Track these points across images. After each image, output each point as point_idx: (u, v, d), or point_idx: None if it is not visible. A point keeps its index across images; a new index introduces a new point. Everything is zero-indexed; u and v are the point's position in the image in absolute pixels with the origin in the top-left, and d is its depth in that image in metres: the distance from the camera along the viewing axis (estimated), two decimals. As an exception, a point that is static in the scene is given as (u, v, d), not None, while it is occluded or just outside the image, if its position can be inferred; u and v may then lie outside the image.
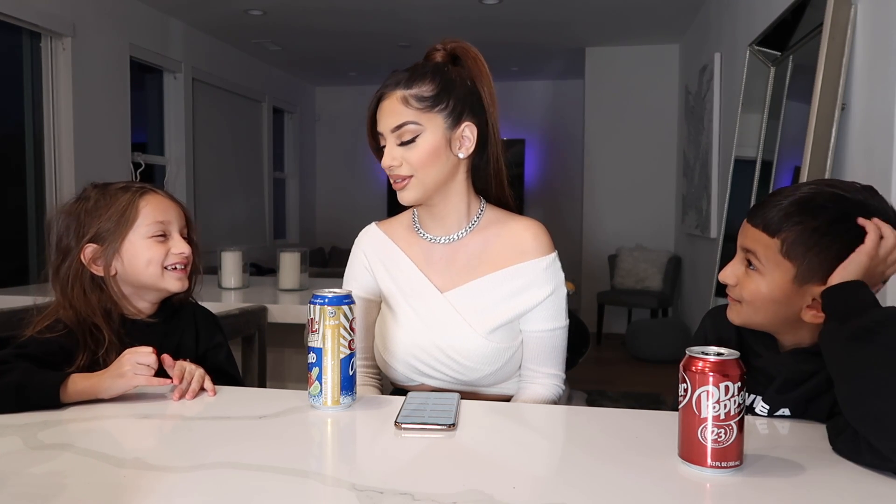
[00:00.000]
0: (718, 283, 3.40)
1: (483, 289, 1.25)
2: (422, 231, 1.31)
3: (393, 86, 1.21)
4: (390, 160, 1.21)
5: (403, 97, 1.19)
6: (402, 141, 1.20)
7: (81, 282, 1.20)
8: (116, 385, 1.07)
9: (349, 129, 7.27)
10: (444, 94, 1.21)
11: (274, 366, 2.40)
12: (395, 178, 1.22)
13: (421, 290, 1.27)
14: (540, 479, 0.83)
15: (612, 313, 5.77)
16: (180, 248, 1.23)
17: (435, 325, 1.25)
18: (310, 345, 1.04)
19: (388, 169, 1.22)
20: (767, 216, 0.98)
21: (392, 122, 1.20)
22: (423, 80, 1.20)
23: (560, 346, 1.29)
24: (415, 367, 1.26)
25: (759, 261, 0.99)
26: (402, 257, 1.30)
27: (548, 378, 1.27)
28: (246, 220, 5.88)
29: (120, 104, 4.17)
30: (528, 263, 1.25)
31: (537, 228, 1.28)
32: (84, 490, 0.76)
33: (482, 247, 1.27)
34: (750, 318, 1.03)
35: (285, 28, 5.01)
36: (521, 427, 1.06)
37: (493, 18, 4.69)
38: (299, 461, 0.86)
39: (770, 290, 0.98)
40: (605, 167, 5.72)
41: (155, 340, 1.16)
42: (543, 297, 1.25)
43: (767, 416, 1.04)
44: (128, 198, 1.21)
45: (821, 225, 0.94)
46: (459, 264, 1.27)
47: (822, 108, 2.05)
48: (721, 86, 3.94)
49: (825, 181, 1.00)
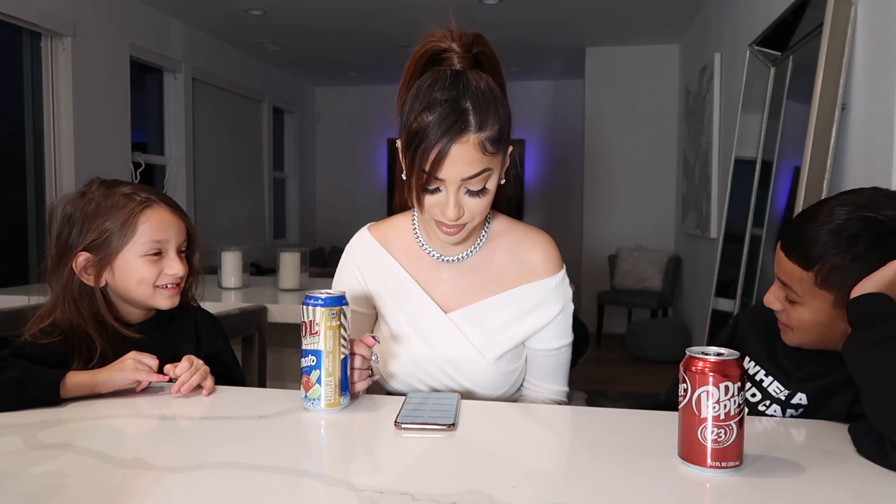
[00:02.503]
0: (718, 282, 3.40)
1: (491, 310, 1.18)
2: (426, 247, 1.21)
3: (462, 130, 1.01)
4: (457, 212, 1.05)
5: (481, 143, 1.02)
6: (471, 190, 1.05)
7: (71, 289, 1.18)
8: (116, 378, 1.08)
9: (349, 129, 7.27)
10: (504, 127, 1.06)
11: (274, 366, 2.40)
12: (453, 226, 1.08)
13: (424, 310, 1.19)
14: (540, 479, 0.83)
15: (612, 313, 5.77)
16: (174, 269, 1.20)
17: (440, 346, 1.18)
18: (308, 347, 1.02)
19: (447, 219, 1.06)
20: (803, 249, 0.99)
21: (467, 171, 1.03)
22: (489, 117, 1.03)
23: (565, 362, 1.25)
24: (419, 380, 1.21)
25: (797, 293, 1.01)
26: (402, 274, 1.21)
27: (551, 394, 1.25)
28: (246, 220, 5.88)
29: (120, 104, 4.17)
30: (538, 284, 1.19)
31: (547, 245, 1.21)
32: (84, 490, 0.76)
33: (489, 263, 1.20)
34: (803, 340, 1.06)
35: (285, 28, 5.01)
36: (522, 427, 1.06)
37: (493, 18, 4.68)
38: (299, 461, 0.86)
39: (813, 316, 1.01)
40: (605, 167, 5.72)
41: (153, 345, 1.16)
42: (552, 318, 1.20)
43: (784, 401, 1.06)
44: (129, 210, 1.17)
45: (857, 254, 0.95)
46: (465, 282, 1.20)
47: (822, 108, 2.05)
48: (721, 86, 3.94)
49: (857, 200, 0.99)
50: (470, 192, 1.06)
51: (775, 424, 1.02)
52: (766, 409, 1.08)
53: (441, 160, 1.02)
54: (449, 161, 1.02)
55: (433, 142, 1.01)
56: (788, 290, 1.02)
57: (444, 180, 1.04)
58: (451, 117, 1.01)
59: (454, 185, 1.04)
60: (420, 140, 1.02)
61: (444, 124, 1.01)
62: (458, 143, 1.01)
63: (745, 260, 3.04)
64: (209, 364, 1.18)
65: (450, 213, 1.05)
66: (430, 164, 1.02)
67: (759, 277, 2.92)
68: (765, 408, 1.09)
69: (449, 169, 1.03)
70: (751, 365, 1.15)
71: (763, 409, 1.09)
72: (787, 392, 1.07)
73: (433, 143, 1.01)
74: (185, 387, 1.10)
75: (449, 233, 1.10)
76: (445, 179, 1.04)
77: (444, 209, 1.06)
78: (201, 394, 1.12)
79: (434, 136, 1.01)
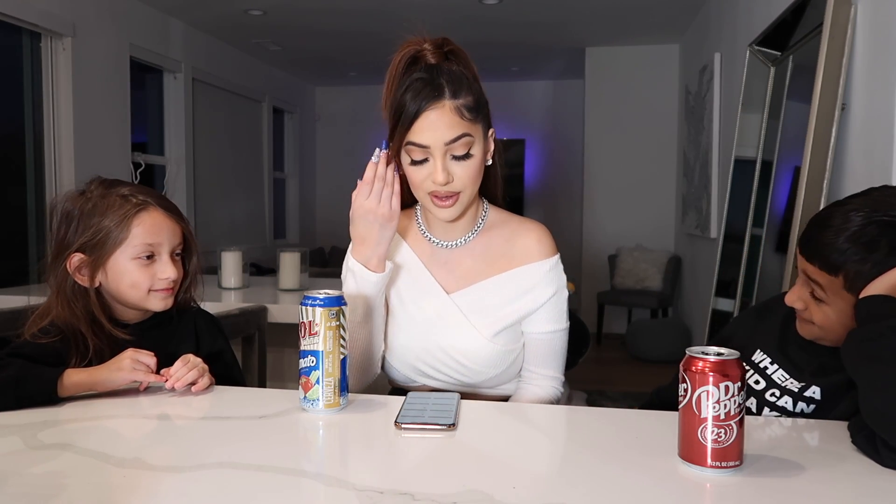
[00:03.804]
0: (718, 282, 3.40)
1: (488, 291, 1.24)
2: (427, 234, 1.29)
3: (438, 96, 1.12)
4: (445, 176, 1.13)
5: (457, 108, 1.12)
6: (456, 155, 1.14)
7: (65, 288, 1.18)
8: (114, 377, 1.08)
9: (349, 129, 7.27)
10: (480, 101, 1.16)
11: (274, 366, 2.40)
12: (443, 195, 1.15)
13: (428, 290, 1.25)
14: (540, 479, 0.83)
15: (612, 313, 5.76)
16: (167, 272, 1.20)
17: (440, 326, 1.24)
18: (307, 348, 1.02)
19: (437, 185, 1.14)
20: (824, 256, 1.00)
21: (448, 134, 1.12)
22: (462, 89, 1.14)
23: (560, 348, 1.28)
24: (417, 369, 1.26)
25: (825, 292, 1.02)
26: (410, 254, 1.28)
27: (546, 380, 1.27)
28: (246, 220, 5.88)
29: (120, 104, 4.17)
30: (532, 266, 1.24)
31: (541, 231, 1.27)
32: (84, 490, 0.76)
33: (486, 249, 1.27)
34: (823, 337, 1.07)
35: (285, 28, 5.01)
36: (522, 427, 1.06)
37: (493, 18, 4.68)
38: (299, 461, 0.86)
39: (839, 317, 1.02)
40: (605, 167, 5.72)
41: (151, 346, 1.16)
42: (546, 299, 1.24)
43: (797, 393, 1.07)
44: (124, 212, 1.17)
45: (877, 260, 0.96)
46: (464, 267, 1.26)
47: (822, 108, 2.05)
48: (721, 86, 3.94)
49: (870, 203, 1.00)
50: (455, 157, 1.14)
51: (775, 424, 1.02)
52: (777, 399, 1.09)
53: (422, 126, 1.12)
54: (429, 126, 1.12)
55: (412, 110, 1.12)
56: (816, 287, 1.03)
57: (429, 147, 1.13)
58: (426, 88, 1.12)
59: (439, 151, 1.13)
60: (401, 113, 1.13)
61: (422, 94, 1.12)
62: (436, 109, 1.12)
63: (745, 260, 3.04)
64: (209, 364, 1.18)
65: (438, 177, 1.13)
66: (413, 132, 1.12)
67: (759, 277, 2.92)
68: (775, 398, 1.10)
69: (431, 133, 1.12)
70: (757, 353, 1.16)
71: (773, 399, 1.10)
72: (801, 385, 1.08)
73: (413, 111, 1.12)
74: (179, 382, 1.11)
75: (443, 205, 1.16)
76: (430, 146, 1.13)
77: (433, 176, 1.14)
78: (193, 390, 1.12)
79: (413, 106, 1.12)
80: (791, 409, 1.08)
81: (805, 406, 1.07)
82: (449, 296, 1.25)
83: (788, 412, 1.08)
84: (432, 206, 1.18)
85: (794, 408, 1.08)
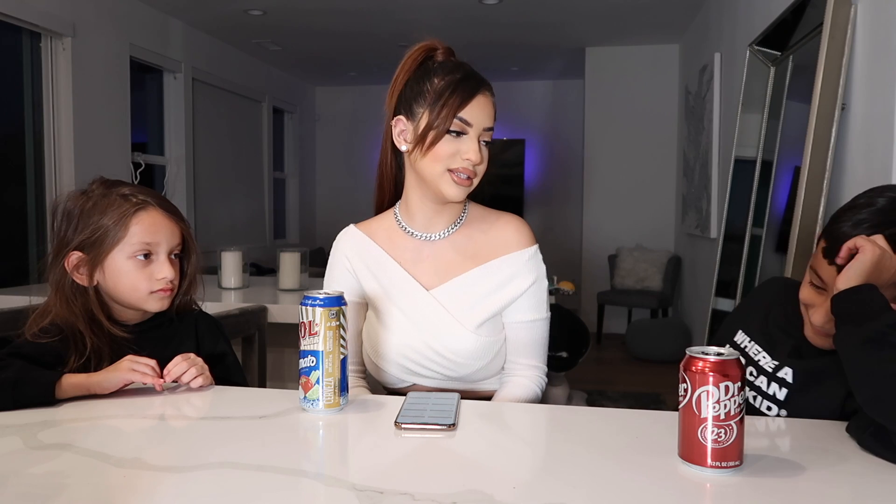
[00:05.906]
0: (718, 282, 3.40)
1: (469, 284, 1.27)
2: (409, 229, 1.31)
3: (486, 86, 1.22)
4: (479, 156, 1.21)
5: (493, 104, 1.23)
6: (485, 141, 1.22)
7: (64, 287, 1.19)
8: (111, 378, 1.08)
9: (349, 129, 7.27)
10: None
11: (274, 366, 2.40)
12: (468, 173, 1.21)
13: (407, 290, 1.28)
14: (540, 479, 0.83)
15: (612, 313, 5.76)
16: (163, 272, 1.20)
17: (424, 323, 1.25)
18: (307, 348, 1.02)
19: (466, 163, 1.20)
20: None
21: (488, 121, 1.22)
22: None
23: (540, 338, 1.30)
24: (406, 368, 1.27)
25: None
26: (385, 258, 1.30)
27: (528, 370, 1.29)
28: (246, 220, 5.88)
29: (120, 104, 4.17)
30: (511, 256, 1.28)
31: (518, 223, 1.32)
32: (84, 490, 0.76)
33: (467, 243, 1.30)
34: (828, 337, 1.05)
35: (285, 28, 5.01)
36: (522, 427, 1.06)
37: (493, 18, 4.68)
38: (299, 461, 0.86)
39: None
40: (605, 167, 5.72)
41: (150, 346, 1.16)
42: (525, 288, 1.27)
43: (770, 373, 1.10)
44: (123, 211, 1.17)
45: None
46: (446, 261, 1.29)
47: (822, 108, 2.05)
48: (721, 86, 3.94)
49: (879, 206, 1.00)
50: (485, 142, 1.22)
51: (775, 424, 1.02)
52: (755, 378, 1.12)
53: (474, 106, 1.19)
54: (479, 107, 1.20)
55: (467, 89, 1.19)
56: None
57: (472, 125, 1.20)
58: (476, 76, 1.22)
59: (476, 132, 1.20)
60: (453, 90, 1.19)
61: (474, 79, 1.21)
62: (484, 95, 1.21)
63: (745, 260, 3.03)
64: (209, 366, 1.18)
65: (473, 156, 1.19)
66: (465, 110, 1.19)
67: (759, 277, 2.92)
68: (752, 377, 1.13)
69: (478, 113, 1.20)
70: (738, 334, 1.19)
71: (751, 378, 1.13)
72: (775, 364, 1.11)
73: (468, 90, 1.19)
74: (170, 375, 1.11)
75: (462, 182, 1.21)
76: (473, 124, 1.19)
77: (465, 153, 1.20)
78: (192, 386, 1.13)
79: (466, 86, 1.19)
80: (765, 389, 1.10)
81: (777, 388, 1.09)
82: (429, 292, 1.27)
83: (763, 392, 1.10)
84: (447, 184, 1.21)
85: (768, 388, 1.10)
